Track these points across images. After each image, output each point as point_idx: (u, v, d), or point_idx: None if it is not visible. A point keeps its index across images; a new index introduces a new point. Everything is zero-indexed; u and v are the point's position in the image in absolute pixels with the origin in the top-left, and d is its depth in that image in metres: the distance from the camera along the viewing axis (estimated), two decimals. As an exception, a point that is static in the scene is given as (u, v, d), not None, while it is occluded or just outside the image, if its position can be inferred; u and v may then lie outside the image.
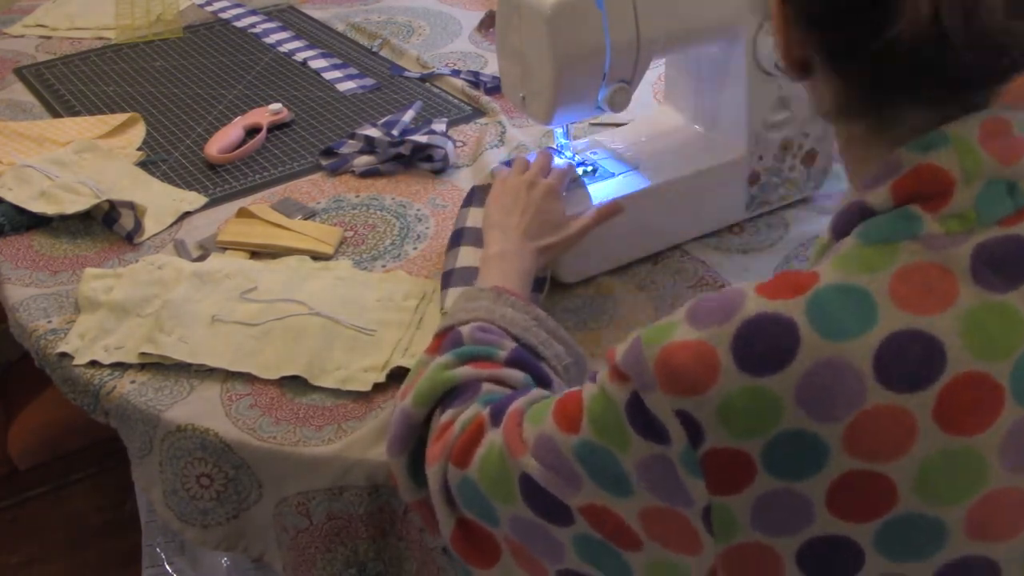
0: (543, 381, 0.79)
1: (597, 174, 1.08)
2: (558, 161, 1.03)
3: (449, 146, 1.29)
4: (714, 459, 0.56)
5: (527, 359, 0.79)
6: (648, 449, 0.58)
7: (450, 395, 0.76)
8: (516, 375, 0.77)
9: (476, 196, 1.08)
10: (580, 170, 1.08)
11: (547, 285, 1.00)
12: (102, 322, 1.02)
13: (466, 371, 0.76)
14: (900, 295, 0.56)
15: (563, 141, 1.09)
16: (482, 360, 0.78)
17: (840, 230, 0.61)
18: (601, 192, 1.04)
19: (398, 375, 0.93)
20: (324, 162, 1.32)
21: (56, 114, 1.49)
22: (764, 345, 0.55)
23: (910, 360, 0.55)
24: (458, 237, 1.04)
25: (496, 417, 0.70)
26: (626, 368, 0.59)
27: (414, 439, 0.77)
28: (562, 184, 1.00)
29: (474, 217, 1.05)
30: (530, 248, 0.93)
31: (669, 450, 0.57)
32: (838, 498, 0.56)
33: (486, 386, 0.75)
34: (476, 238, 1.02)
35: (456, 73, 1.55)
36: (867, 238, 0.59)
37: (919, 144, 0.59)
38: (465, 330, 0.80)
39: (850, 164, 0.65)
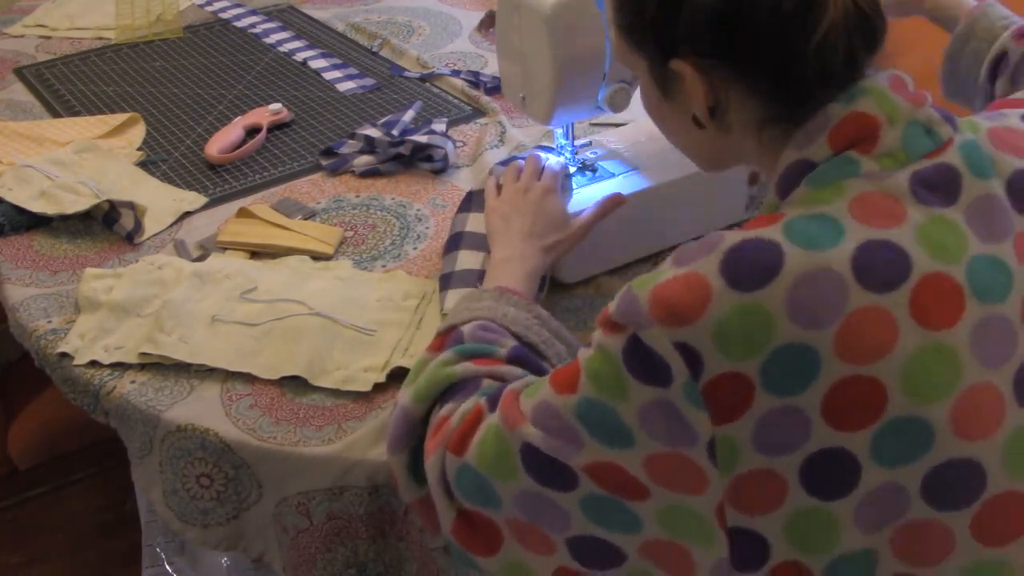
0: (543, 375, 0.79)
1: (597, 174, 1.08)
2: (550, 160, 1.03)
3: (449, 146, 1.29)
4: (715, 387, 0.59)
5: (527, 357, 0.80)
6: (649, 394, 0.61)
7: (449, 391, 0.77)
8: (516, 372, 0.77)
9: (475, 201, 1.08)
10: (572, 168, 1.08)
11: (547, 284, 1.00)
12: (102, 322, 1.02)
13: (466, 367, 0.77)
14: (859, 215, 0.62)
15: (563, 141, 1.09)
16: (482, 357, 0.78)
17: (786, 188, 0.67)
18: (601, 192, 1.04)
19: (398, 375, 0.93)
20: (324, 162, 1.32)
21: (56, 114, 1.49)
22: (751, 263, 0.60)
23: (882, 264, 0.60)
24: (457, 241, 1.04)
25: (493, 403, 0.72)
26: (620, 316, 0.62)
27: (414, 437, 0.77)
28: (558, 182, 1.00)
29: (473, 222, 1.05)
30: (536, 247, 0.93)
31: (669, 391, 0.60)
32: (833, 407, 0.59)
33: (486, 382, 0.76)
34: (476, 242, 1.02)
35: (456, 73, 1.55)
36: (815, 183, 0.65)
37: (844, 98, 0.65)
38: (467, 328, 0.81)
39: (768, 160, 0.70)
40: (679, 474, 0.62)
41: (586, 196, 1.03)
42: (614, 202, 1.00)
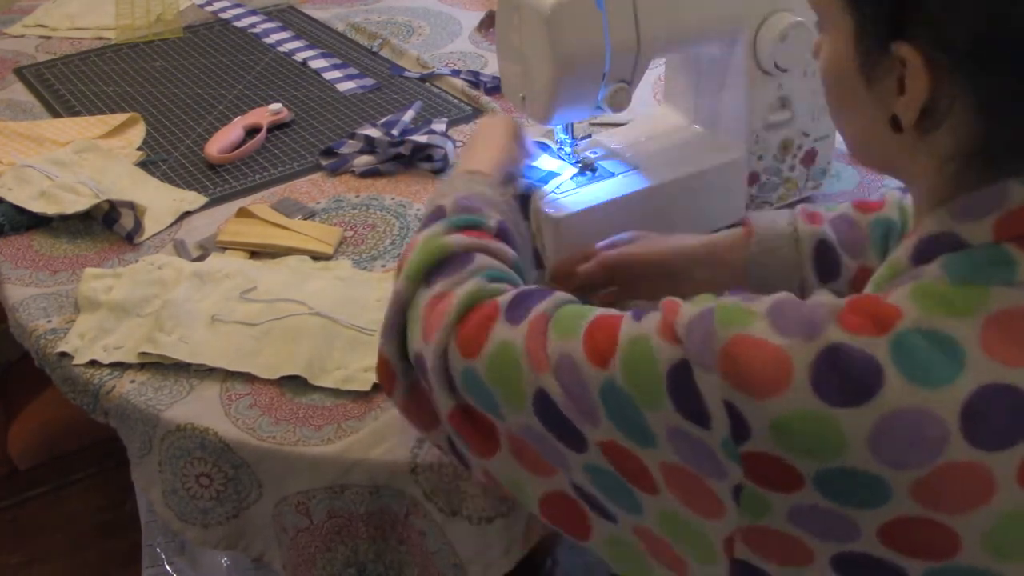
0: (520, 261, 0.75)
1: (597, 174, 1.08)
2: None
3: (449, 146, 1.29)
4: (758, 460, 0.53)
5: (512, 235, 0.75)
6: (681, 423, 0.55)
7: (443, 264, 0.71)
8: (506, 249, 0.72)
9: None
10: (575, 168, 1.08)
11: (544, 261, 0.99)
12: (102, 322, 1.02)
13: (457, 239, 0.71)
14: (991, 344, 0.52)
15: (563, 139, 1.09)
16: (473, 228, 0.73)
17: (920, 256, 0.57)
18: (601, 192, 1.04)
19: (398, 375, 0.93)
20: (324, 162, 1.32)
21: (56, 114, 1.49)
22: (846, 376, 0.52)
23: (998, 415, 0.51)
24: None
25: (514, 312, 0.65)
26: (686, 334, 0.56)
27: (406, 319, 0.72)
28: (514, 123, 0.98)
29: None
30: (499, 137, 0.91)
31: (707, 434, 0.55)
32: (892, 534, 0.53)
33: (480, 257, 0.71)
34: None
35: (456, 73, 1.55)
36: (955, 275, 0.55)
37: None
38: (447, 202, 0.75)
39: (927, 193, 0.60)
40: (695, 494, 0.57)
41: (587, 196, 1.03)
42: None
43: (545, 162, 1.07)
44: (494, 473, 0.69)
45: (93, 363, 0.97)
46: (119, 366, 0.97)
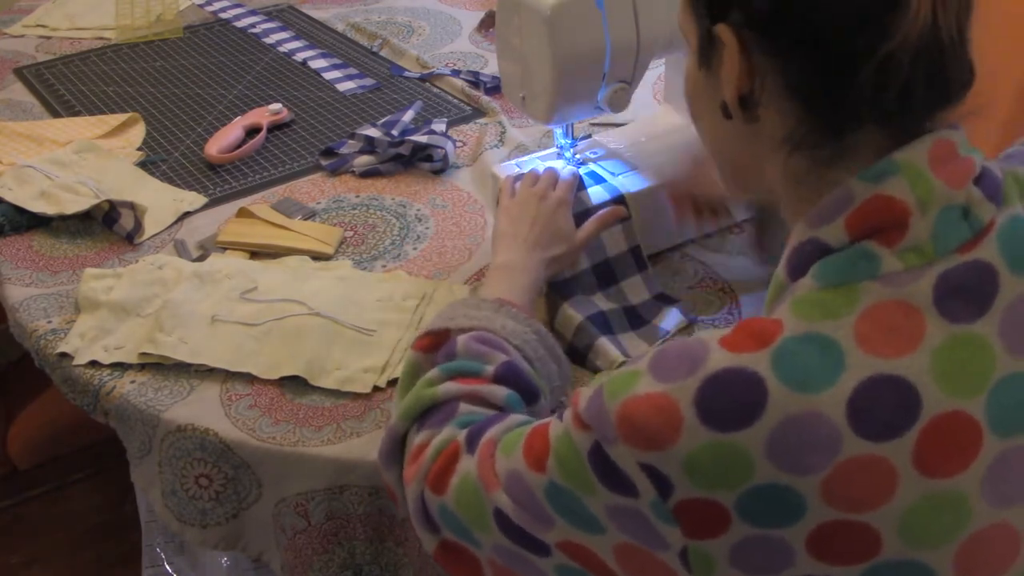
0: (532, 396, 0.77)
1: (597, 174, 1.08)
2: (565, 171, 1.04)
3: (449, 146, 1.29)
4: (686, 508, 0.55)
5: (517, 374, 0.77)
6: (615, 500, 0.57)
7: (428, 412, 0.75)
8: (498, 392, 0.75)
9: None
10: (581, 170, 1.08)
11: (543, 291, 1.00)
12: (102, 322, 1.02)
13: (447, 388, 0.75)
14: (866, 339, 0.54)
15: (563, 141, 1.09)
16: (467, 376, 0.76)
17: (795, 270, 0.60)
18: (601, 193, 1.04)
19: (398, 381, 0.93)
20: (324, 162, 1.32)
21: (56, 114, 1.49)
22: (729, 401, 0.54)
23: (884, 407, 0.53)
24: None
25: (471, 443, 0.69)
26: (588, 418, 0.58)
27: (400, 454, 0.77)
28: (571, 194, 1.00)
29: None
30: (537, 259, 0.93)
31: (638, 502, 0.56)
32: (818, 544, 0.54)
33: (463, 407, 0.74)
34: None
35: (456, 73, 1.55)
36: (825, 280, 0.57)
37: (870, 174, 0.57)
38: (461, 340, 0.79)
39: (789, 199, 0.63)
40: (651, 571, 0.59)
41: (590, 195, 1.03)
42: (614, 215, 1.00)
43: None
44: None
45: (93, 363, 0.97)
46: (119, 366, 0.97)
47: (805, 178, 0.61)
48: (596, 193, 1.03)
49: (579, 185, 1.02)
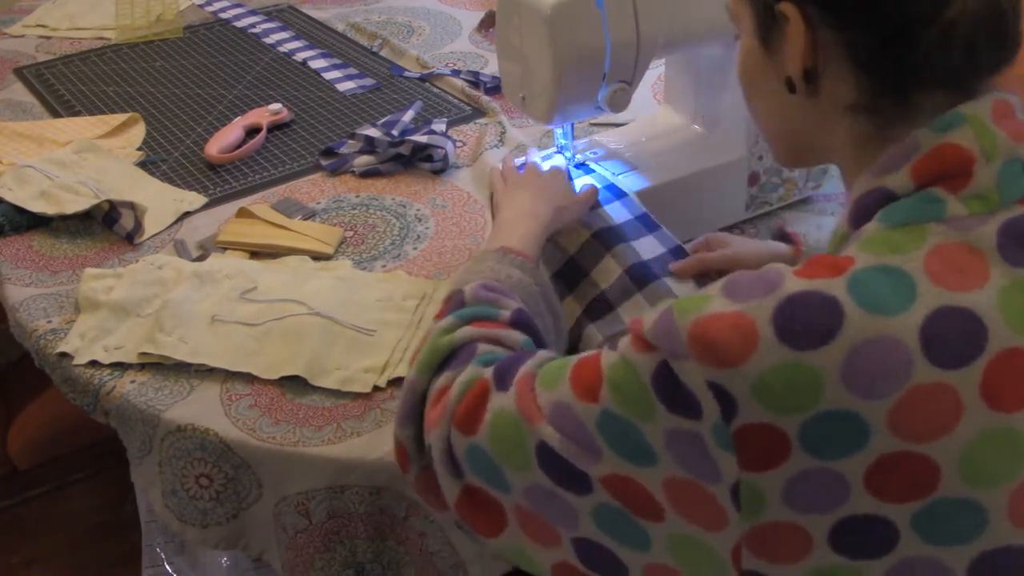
0: (541, 346, 0.78)
1: (596, 173, 1.08)
2: (583, 185, 1.03)
3: (449, 146, 1.29)
4: (747, 434, 0.55)
5: (530, 321, 0.78)
6: (675, 423, 0.57)
7: (448, 359, 0.74)
8: (517, 336, 0.75)
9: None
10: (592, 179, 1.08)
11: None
12: (102, 322, 1.02)
13: (465, 332, 0.75)
14: (936, 273, 0.56)
15: (563, 141, 1.09)
16: (483, 320, 0.76)
17: (859, 217, 0.61)
18: (619, 209, 1.04)
19: (399, 382, 0.93)
20: (324, 162, 1.32)
21: (56, 114, 1.49)
22: (807, 320, 0.54)
23: (954, 335, 0.54)
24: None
25: (501, 380, 0.68)
26: (655, 338, 0.58)
27: (421, 409, 0.75)
28: (563, 170, 1.00)
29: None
30: (543, 205, 0.92)
31: (699, 424, 0.56)
32: (877, 479, 0.55)
33: (482, 346, 0.74)
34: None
35: (456, 73, 1.55)
36: (892, 221, 0.59)
37: (937, 125, 0.59)
38: (468, 289, 0.79)
39: (852, 162, 0.65)
40: (698, 506, 0.59)
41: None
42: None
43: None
44: (501, 552, 0.72)
45: (93, 363, 0.97)
46: (119, 366, 0.97)
47: (868, 141, 0.63)
48: (615, 209, 1.02)
49: (596, 203, 1.01)
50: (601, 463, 0.61)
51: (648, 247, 0.98)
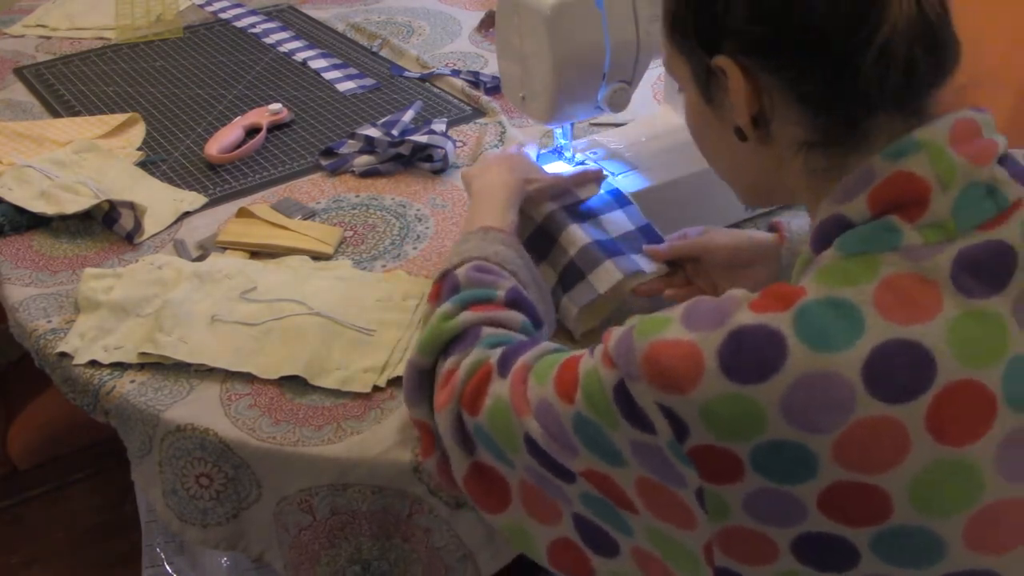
0: (537, 322, 0.81)
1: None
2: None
3: (449, 146, 1.29)
4: (701, 453, 0.57)
5: (524, 299, 0.80)
6: (637, 435, 0.59)
7: (452, 342, 0.77)
8: (515, 316, 0.78)
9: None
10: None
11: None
12: (102, 322, 1.02)
13: (466, 317, 0.77)
14: (885, 306, 0.56)
15: (563, 141, 1.09)
16: (481, 303, 0.79)
17: (819, 243, 0.62)
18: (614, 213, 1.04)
19: (398, 382, 0.93)
20: (324, 162, 1.32)
21: (56, 114, 1.49)
22: (750, 354, 0.56)
23: (900, 370, 0.55)
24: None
25: (503, 367, 0.72)
26: (615, 355, 0.60)
27: (427, 388, 0.79)
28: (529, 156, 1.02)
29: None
30: (514, 177, 0.94)
31: (657, 439, 0.58)
32: (830, 504, 0.56)
33: (486, 330, 0.76)
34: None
35: (456, 73, 1.55)
36: (847, 249, 0.59)
37: (891, 151, 0.59)
38: (461, 272, 0.81)
39: (810, 193, 0.65)
40: (668, 507, 0.61)
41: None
42: (593, 176, 1.01)
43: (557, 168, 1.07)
44: (503, 530, 0.75)
45: (93, 363, 0.97)
46: (119, 366, 0.97)
47: (825, 172, 0.63)
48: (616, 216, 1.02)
49: (600, 178, 1.02)
50: (579, 459, 0.64)
51: (617, 222, 0.99)
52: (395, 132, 1.32)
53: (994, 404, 0.55)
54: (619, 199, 1.02)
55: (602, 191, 1.03)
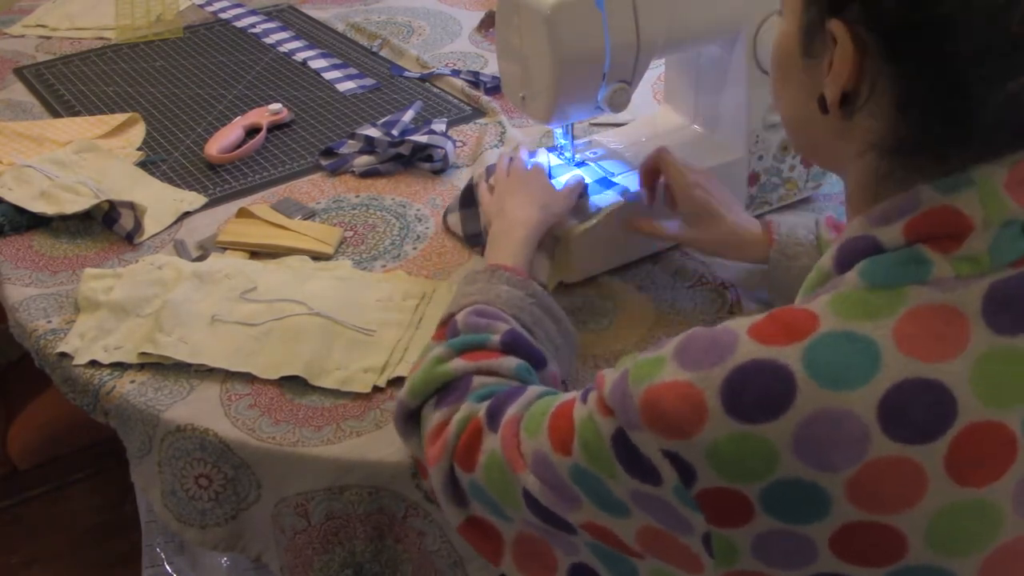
0: (538, 362, 0.79)
1: (595, 175, 1.08)
2: (537, 157, 1.07)
3: (449, 146, 1.29)
4: (709, 497, 0.55)
5: (521, 341, 0.79)
6: (639, 486, 0.58)
7: (442, 390, 0.77)
8: (508, 363, 0.77)
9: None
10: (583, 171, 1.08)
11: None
12: (102, 322, 1.02)
13: (458, 365, 0.77)
14: (906, 341, 0.53)
15: (563, 141, 1.09)
16: (474, 350, 0.78)
17: (843, 263, 0.58)
18: (601, 195, 1.04)
19: (398, 382, 0.93)
20: (324, 162, 1.32)
21: (56, 114, 1.49)
22: (756, 393, 0.53)
23: (919, 410, 0.52)
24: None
25: (492, 420, 0.71)
26: (612, 403, 0.58)
27: (416, 426, 0.79)
28: (546, 169, 1.02)
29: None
30: (534, 212, 0.94)
31: (661, 489, 0.56)
32: (842, 544, 0.54)
33: (476, 379, 0.76)
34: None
35: (456, 73, 1.55)
36: (872, 279, 0.56)
37: (943, 184, 0.55)
38: (460, 316, 0.81)
39: (858, 194, 0.61)
40: (674, 553, 0.60)
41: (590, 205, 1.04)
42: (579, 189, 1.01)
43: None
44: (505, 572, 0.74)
45: (93, 363, 0.97)
46: (119, 366, 0.97)
47: (883, 180, 0.58)
48: (603, 199, 1.03)
49: (582, 192, 1.02)
50: (580, 511, 0.63)
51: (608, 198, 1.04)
52: (395, 132, 1.32)
53: (1014, 444, 0.53)
54: (605, 183, 1.05)
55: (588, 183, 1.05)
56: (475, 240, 1.10)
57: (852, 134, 0.59)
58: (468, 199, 1.11)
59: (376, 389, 0.93)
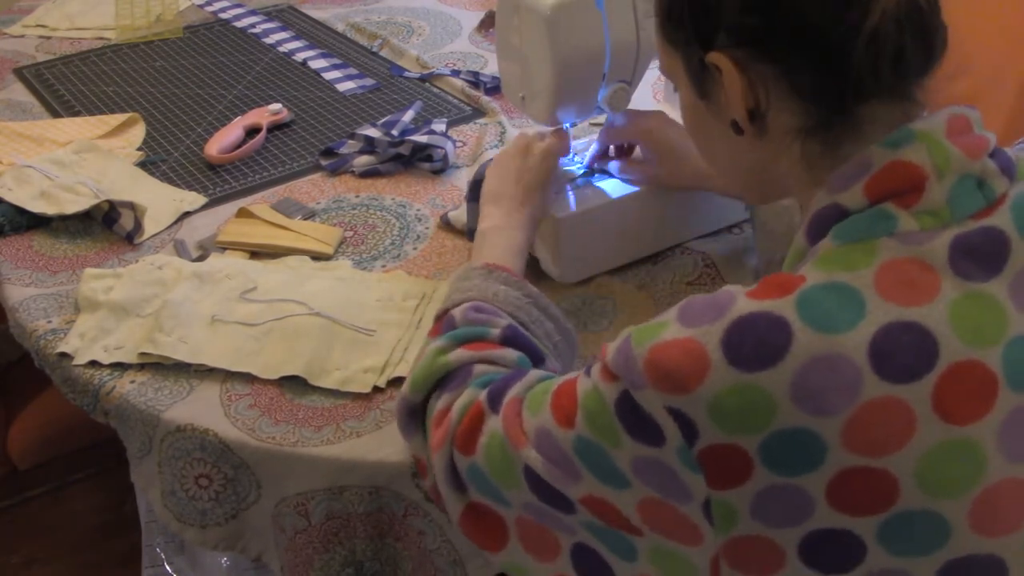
0: (536, 358, 0.80)
1: (597, 175, 1.08)
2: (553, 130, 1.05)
3: (449, 146, 1.29)
4: (710, 455, 0.57)
5: (521, 336, 0.79)
6: (641, 450, 0.59)
7: (444, 380, 0.77)
8: (510, 354, 0.77)
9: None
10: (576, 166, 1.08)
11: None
12: (102, 322, 1.02)
13: (459, 354, 0.77)
14: (885, 289, 0.57)
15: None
16: (475, 341, 0.78)
17: (815, 233, 0.62)
18: (603, 194, 1.04)
19: (398, 382, 0.93)
20: (324, 162, 1.32)
21: (56, 114, 1.49)
22: (756, 342, 0.56)
23: (905, 350, 0.55)
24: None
25: (494, 403, 0.71)
26: (616, 367, 0.60)
27: (419, 422, 0.78)
28: (564, 144, 0.99)
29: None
30: (526, 216, 0.93)
31: (663, 451, 0.58)
32: (838, 493, 0.56)
33: (478, 368, 0.76)
34: None
35: (456, 73, 1.55)
36: (844, 238, 0.60)
37: (889, 141, 0.60)
38: (458, 312, 0.81)
39: (805, 184, 0.65)
40: (673, 525, 0.61)
41: (590, 195, 1.03)
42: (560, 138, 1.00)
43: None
44: (503, 567, 0.74)
45: (93, 363, 0.97)
46: (119, 366, 0.97)
47: (819, 160, 0.64)
48: (597, 191, 1.03)
49: (560, 187, 1.03)
50: (580, 485, 0.64)
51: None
52: (395, 132, 1.32)
53: (995, 384, 0.56)
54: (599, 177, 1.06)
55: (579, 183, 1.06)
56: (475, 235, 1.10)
57: (778, 143, 0.65)
58: (476, 192, 1.10)
59: (376, 389, 0.93)
